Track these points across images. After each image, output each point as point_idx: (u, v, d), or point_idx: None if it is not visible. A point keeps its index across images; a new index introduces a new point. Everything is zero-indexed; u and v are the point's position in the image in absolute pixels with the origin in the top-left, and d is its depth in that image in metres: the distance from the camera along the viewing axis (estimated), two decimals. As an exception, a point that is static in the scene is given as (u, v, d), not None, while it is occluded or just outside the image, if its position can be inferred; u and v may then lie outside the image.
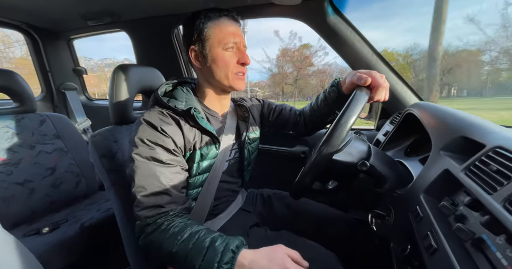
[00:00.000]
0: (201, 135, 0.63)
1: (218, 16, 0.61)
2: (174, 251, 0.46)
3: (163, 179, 0.53)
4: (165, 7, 1.02)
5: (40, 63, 1.50)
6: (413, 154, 0.67)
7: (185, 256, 0.45)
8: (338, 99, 0.68)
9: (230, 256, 0.44)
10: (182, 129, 0.60)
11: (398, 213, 0.45)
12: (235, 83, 0.64)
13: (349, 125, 0.46)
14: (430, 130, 0.47)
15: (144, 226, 0.51)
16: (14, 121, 1.07)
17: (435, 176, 0.39)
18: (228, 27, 0.61)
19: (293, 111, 0.84)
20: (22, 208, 0.98)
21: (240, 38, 0.63)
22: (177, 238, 0.47)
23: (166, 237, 0.48)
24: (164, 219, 0.51)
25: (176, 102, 0.61)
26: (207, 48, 0.62)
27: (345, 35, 0.83)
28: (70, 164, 1.18)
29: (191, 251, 0.45)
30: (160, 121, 0.57)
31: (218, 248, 0.45)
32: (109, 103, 0.80)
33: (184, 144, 0.60)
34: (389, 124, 0.83)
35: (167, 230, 0.49)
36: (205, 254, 0.44)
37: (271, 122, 0.85)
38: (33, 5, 1.08)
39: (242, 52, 0.63)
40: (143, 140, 0.55)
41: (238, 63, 0.63)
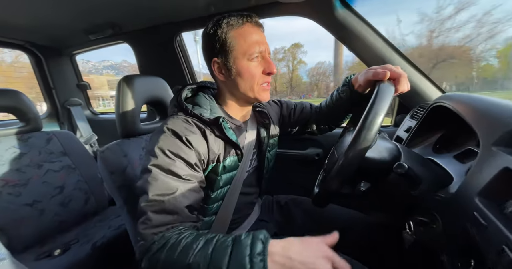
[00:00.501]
0: (225, 146, 0.59)
1: (241, 24, 0.56)
2: (190, 262, 0.39)
3: (178, 196, 0.48)
4: (166, 15, 1.00)
5: (44, 80, 1.50)
6: (443, 150, 0.62)
7: (206, 264, 0.38)
8: (352, 98, 0.65)
9: (260, 246, 0.38)
10: (207, 139, 0.55)
11: (447, 220, 0.40)
12: (260, 95, 0.60)
13: (380, 119, 0.42)
14: (474, 123, 0.42)
15: (150, 245, 0.44)
16: (20, 141, 1.06)
17: (492, 175, 0.34)
18: (252, 35, 0.56)
19: (314, 108, 0.80)
20: (32, 230, 0.95)
21: (265, 46, 0.58)
22: (192, 248, 0.40)
23: (178, 251, 0.41)
24: (173, 234, 0.45)
25: (201, 109, 0.57)
26: (231, 60, 0.57)
27: (355, 29, 0.79)
28: (78, 181, 1.15)
29: (212, 255, 0.39)
30: (185, 130, 0.53)
31: (245, 242, 0.39)
32: (116, 116, 0.78)
33: (208, 156, 0.56)
34: (410, 119, 0.78)
35: (177, 242, 0.42)
36: (231, 252, 0.38)
37: (293, 123, 0.80)
38: (35, 24, 1.08)
39: (267, 61, 0.58)
40: (164, 150, 0.50)
41: (264, 73, 0.58)
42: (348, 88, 0.65)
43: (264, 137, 0.70)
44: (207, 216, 0.61)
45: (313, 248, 0.39)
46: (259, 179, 0.75)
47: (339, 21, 0.79)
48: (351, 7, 0.79)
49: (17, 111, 1.05)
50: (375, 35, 0.79)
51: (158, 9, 0.96)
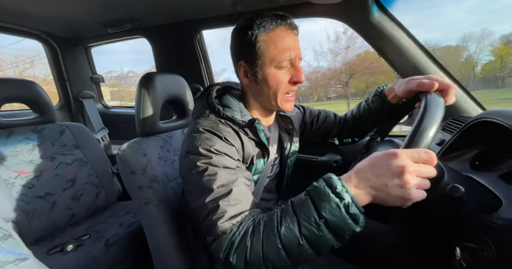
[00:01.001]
0: (255, 148, 0.58)
1: (274, 26, 0.52)
2: (279, 231, 0.38)
3: (241, 184, 0.47)
4: (188, 12, 0.98)
5: (58, 72, 1.49)
6: (483, 168, 0.59)
7: (295, 224, 0.37)
8: (383, 109, 0.63)
9: (338, 182, 0.37)
10: (242, 140, 0.54)
11: (503, 248, 0.37)
12: (283, 104, 0.57)
13: (432, 135, 0.39)
14: None
15: (231, 237, 0.41)
16: (34, 132, 1.05)
17: None
18: (284, 40, 0.52)
19: (338, 118, 0.78)
20: (44, 223, 0.94)
21: (297, 51, 0.54)
22: (273, 220, 0.40)
23: (262, 230, 0.40)
24: (249, 221, 0.43)
25: (232, 112, 0.56)
26: (258, 66, 0.54)
27: (390, 34, 0.75)
28: (89, 175, 1.15)
29: (296, 213, 0.38)
30: (222, 130, 0.52)
31: (319, 185, 0.38)
32: (135, 114, 0.76)
33: (243, 156, 0.54)
34: (441, 132, 0.75)
35: (257, 224, 0.41)
36: (313, 201, 0.37)
37: (315, 131, 0.78)
38: (52, 14, 1.06)
39: (296, 69, 0.54)
40: (210, 149, 0.48)
41: (290, 82, 0.55)
42: (380, 98, 0.63)
43: (286, 143, 0.68)
44: None
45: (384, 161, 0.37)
46: (279, 186, 0.73)
47: (374, 26, 0.75)
48: (388, 11, 0.75)
49: (31, 101, 1.04)
50: (411, 41, 0.76)
51: (181, 5, 0.93)
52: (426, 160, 0.36)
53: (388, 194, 0.36)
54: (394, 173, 0.35)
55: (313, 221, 0.36)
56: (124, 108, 1.72)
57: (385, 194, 0.36)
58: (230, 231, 0.42)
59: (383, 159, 0.37)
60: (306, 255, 0.38)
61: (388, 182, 0.35)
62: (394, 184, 0.35)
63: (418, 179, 0.35)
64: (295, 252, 0.38)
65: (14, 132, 1.00)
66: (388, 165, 0.36)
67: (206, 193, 0.45)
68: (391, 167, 0.35)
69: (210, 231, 0.43)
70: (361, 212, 0.36)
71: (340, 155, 1.05)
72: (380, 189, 0.36)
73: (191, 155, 0.49)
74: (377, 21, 0.75)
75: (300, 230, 0.37)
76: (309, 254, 0.38)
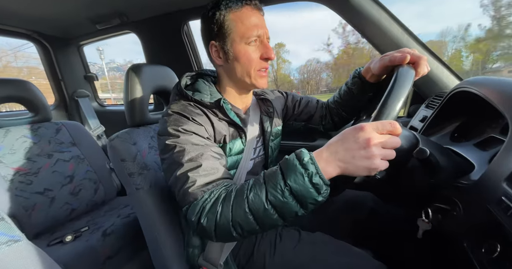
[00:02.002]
0: (229, 128, 0.59)
1: (239, 6, 0.55)
2: (248, 196, 0.41)
3: (209, 157, 0.50)
4: (173, 2, 0.98)
5: (52, 71, 1.51)
6: (462, 139, 0.60)
7: (263, 191, 0.40)
8: (364, 89, 0.64)
9: (306, 155, 0.39)
10: (211, 121, 0.56)
11: (469, 206, 0.39)
12: (257, 81, 0.59)
13: (400, 102, 0.40)
14: (503, 107, 0.40)
15: (203, 203, 0.45)
16: (31, 130, 1.07)
17: None
18: (251, 18, 0.55)
19: (320, 104, 0.79)
20: (44, 218, 0.97)
21: (264, 30, 0.57)
22: (243, 190, 0.42)
23: (233, 197, 0.43)
24: (221, 189, 0.46)
25: (201, 95, 0.58)
26: (228, 44, 0.56)
27: (370, 14, 0.76)
28: (87, 171, 1.17)
29: (266, 182, 0.41)
30: (190, 111, 0.55)
31: (289, 157, 0.41)
32: (124, 105, 0.77)
33: (214, 135, 0.57)
34: (425, 109, 0.75)
35: (229, 193, 0.44)
36: (281, 171, 0.40)
37: (296, 115, 0.79)
38: (41, 13, 1.08)
39: (265, 46, 0.57)
40: (178, 129, 0.51)
41: (262, 59, 0.57)
42: (359, 79, 0.64)
43: (267, 125, 0.70)
44: None
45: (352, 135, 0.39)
46: (265, 169, 0.74)
47: (353, 6, 0.76)
48: (367, -9, 0.75)
49: (26, 101, 1.06)
50: (392, 20, 0.76)
51: (165, -3, 0.94)
52: (390, 130, 0.38)
53: (355, 165, 0.38)
54: (361, 145, 0.37)
55: (279, 188, 0.39)
56: (119, 105, 1.74)
57: (352, 165, 0.38)
58: (202, 197, 0.45)
59: (351, 133, 0.39)
60: (271, 219, 0.41)
61: (355, 154, 0.38)
62: (360, 155, 0.37)
63: (383, 150, 0.37)
64: (261, 216, 0.41)
65: (11, 131, 1.02)
66: (355, 138, 0.38)
67: (177, 168, 0.48)
68: (358, 140, 0.37)
69: (184, 200, 0.47)
70: (325, 183, 0.39)
71: (330, 140, 1.06)
72: (348, 161, 0.38)
73: (161, 136, 0.53)
74: (357, 2, 0.75)
75: (266, 196, 0.40)
76: (274, 218, 0.40)
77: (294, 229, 0.66)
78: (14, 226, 0.32)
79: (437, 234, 0.45)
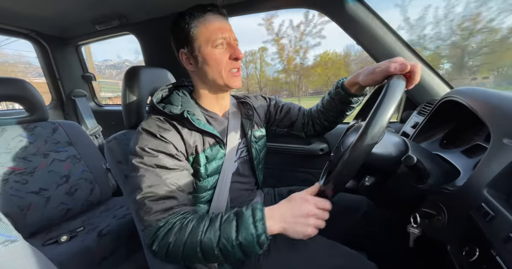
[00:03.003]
0: (203, 137, 0.61)
1: (202, 13, 0.59)
2: (201, 239, 0.45)
3: (170, 183, 0.52)
4: (174, 6, 0.99)
5: (49, 71, 1.50)
6: (450, 145, 0.62)
7: (216, 239, 0.45)
8: (346, 101, 0.66)
9: (260, 213, 0.46)
10: (181, 133, 0.58)
11: (453, 211, 0.41)
12: (229, 81, 0.62)
13: (390, 113, 0.42)
14: (485, 117, 0.42)
15: (157, 231, 0.48)
16: (27, 130, 1.07)
17: (501, 168, 0.34)
18: (213, 23, 0.59)
19: (302, 111, 0.81)
20: (39, 217, 0.97)
21: (229, 33, 0.60)
22: (199, 228, 0.46)
23: (187, 233, 0.46)
24: (176, 218, 0.49)
25: (171, 107, 0.60)
26: (196, 49, 0.60)
27: (365, 22, 0.78)
28: (83, 171, 1.17)
29: (221, 230, 0.45)
30: (158, 127, 0.56)
31: (246, 213, 0.46)
32: (122, 107, 0.78)
33: (185, 149, 0.58)
34: (417, 115, 0.78)
35: (184, 226, 0.47)
36: (237, 224, 0.45)
37: (278, 121, 0.81)
38: (40, 12, 1.08)
39: (233, 47, 0.60)
40: (144, 148, 0.53)
41: (231, 59, 0.60)
42: (341, 90, 0.65)
43: (248, 128, 0.72)
44: (201, 204, 0.63)
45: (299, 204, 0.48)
46: (252, 169, 0.76)
47: (349, 15, 0.78)
48: (362, 0, 0.78)
49: (23, 100, 1.05)
50: (385, 29, 0.78)
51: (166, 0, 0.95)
52: (326, 208, 0.49)
53: (295, 229, 0.47)
54: (303, 214, 0.47)
55: (230, 240, 0.45)
56: (117, 105, 1.74)
57: (292, 228, 0.47)
58: (156, 225, 0.49)
59: (299, 202, 0.49)
60: (217, 259, 0.47)
61: (297, 220, 0.47)
62: (301, 222, 0.47)
63: (318, 221, 0.48)
64: (209, 256, 0.46)
65: (7, 130, 1.02)
66: (301, 208, 0.47)
67: (136, 191, 0.51)
68: (303, 210, 0.47)
69: (141, 223, 0.51)
70: (267, 240, 0.45)
71: (325, 143, 1.08)
72: (290, 224, 0.47)
73: (130, 155, 0.55)
74: (352, 10, 0.77)
75: (218, 243, 0.45)
76: (220, 259, 0.47)
77: None
78: (11, 227, 0.33)
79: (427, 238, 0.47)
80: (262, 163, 0.79)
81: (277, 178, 1.20)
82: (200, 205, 0.63)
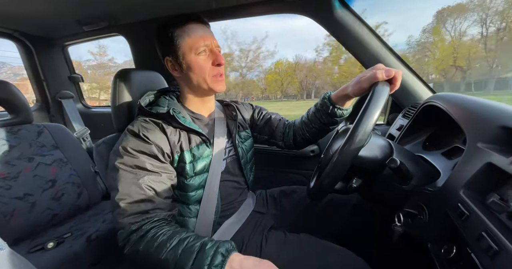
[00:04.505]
0: (188, 135, 0.63)
1: (184, 22, 0.63)
2: (162, 258, 0.46)
3: (146, 187, 0.53)
4: (165, 8, 0.99)
5: (34, 72, 1.45)
6: (432, 147, 0.65)
7: (174, 263, 0.45)
8: (331, 112, 0.67)
9: (220, 259, 0.44)
10: (165, 132, 0.60)
11: (433, 211, 0.43)
12: (213, 85, 0.65)
13: (375, 119, 0.44)
14: (461, 122, 0.45)
15: (129, 234, 0.49)
16: (10, 133, 1.03)
17: (476, 170, 0.36)
18: (196, 31, 0.63)
19: (282, 121, 0.83)
20: (23, 223, 0.93)
21: (211, 40, 0.64)
22: (166, 246, 0.46)
23: (155, 246, 0.47)
24: (151, 226, 0.50)
25: (158, 108, 0.63)
26: (180, 57, 0.63)
27: (353, 29, 0.81)
28: (70, 175, 1.14)
29: (180, 256, 0.45)
30: (142, 128, 0.59)
31: (208, 252, 0.45)
32: (111, 110, 0.77)
33: (170, 148, 0.60)
34: (402, 118, 0.81)
35: (155, 238, 0.48)
36: (195, 258, 0.44)
37: (259, 127, 0.84)
38: (25, 12, 1.04)
39: (215, 54, 0.64)
40: (126, 149, 0.55)
41: (214, 65, 0.64)
42: (328, 101, 0.67)
43: (232, 127, 0.74)
44: (191, 204, 0.64)
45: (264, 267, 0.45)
46: (240, 168, 0.77)
47: (338, 21, 0.80)
48: (350, 7, 0.80)
49: (5, 102, 1.02)
50: (372, 35, 0.81)
51: (156, 2, 0.94)
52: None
53: None
54: None
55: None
56: (105, 107, 1.70)
57: None
58: (128, 229, 0.50)
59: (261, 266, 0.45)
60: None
61: None
62: None
63: None
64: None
65: None
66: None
67: (113, 190, 0.52)
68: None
69: (116, 225, 0.52)
70: None
71: (316, 145, 1.10)
72: None
73: (113, 154, 0.57)
74: (340, 17, 0.80)
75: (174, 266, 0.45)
76: None
77: (280, 231, 0.69)
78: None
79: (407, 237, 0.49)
80: (250, 163, 0.81)
81: (270, 180, 1.21)
82: (191, 206, 0.64)
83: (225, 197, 0.69)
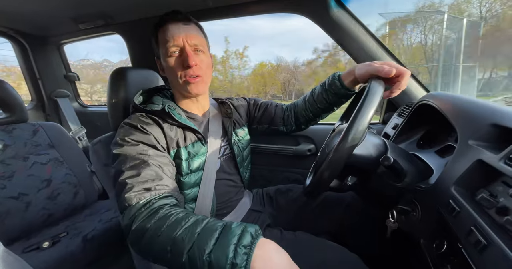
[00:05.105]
0: (184, 132, 0.63)
1: (163, 23, 0.62)
2: (176, 236, 0.39)
3: (152, 164, 0.52)
4: (162, 6, 0.99)
5: (29, 70, 1.44)
6: (426, 146, 0.66)
7: (190, 241, 0.38)
8: (341, 93, 0.66)
9: (249, 239, 0.37)
10: (162, 127, 0.60)
11: (425, 207, 0.44)
12: (186, 88, 0.63)
13: (369, 117, 0.44)
14: (453, 120, 0.45)
15: (137, 210, 0.44)
16: (4, 132, 1.02)
17: (466, 167, 0.37)
18: (168, 31, 0.61)
19: (279, 107, 0.83)
20: (18, 223, 0.93)
21: (185, 39, 0.60)
22: (181, 224, 0.40)
23: (168, 224, 0.41)
24: (161, 203, 0.46)
25: (152, 106, 0.63)
26: (161, 58, 0.64)
27: (349, 28, 0.81)
28: (66, 174, 1.13)
29: (199, 236, 0.38)
30: (140, 121, 0.59)
31: (234, 231, 0.38)
32: (108, 108, 0.77)
33: (166, 142, 0.60)
34: (397, 117, 0.82)
35: (168, 216, 0.42)
36: (219, 236, 0.37)
37: (258, 118, 0.84)
38: (20, 10, 1.03)
39: (184, 55, 0.59)
40: (125, 139, 0.54)
41: (184, 66, 0.60)
42: (338, 81, 0.65)
43: (228, 125, 0.74)
44: (187, 202, 0.64)
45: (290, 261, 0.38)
46: (236, 167, 0.78)
47: (334, 20, 0.81)
48: (346, 7, 0.81)
49: (0, 101, 1.01)
50: (368, 35, 0.82)
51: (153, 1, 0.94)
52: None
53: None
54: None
55: (201, 253, 0.36)
56: (102, 106, 1.69)
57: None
58: (136, 204, 0.46)
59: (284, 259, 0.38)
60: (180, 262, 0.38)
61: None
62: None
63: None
64: (175, 257, 0.38)
65: None
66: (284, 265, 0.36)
67: (119, 175, 0.51)
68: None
69: (122, 205, 0.47)
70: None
71: (313, 144, 1.11)
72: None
73: (112, 147, 0.56)
74: (336, 16, 0.81)
75: (188, 250, 0.38)
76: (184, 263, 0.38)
77: (277, 229, 0.70)
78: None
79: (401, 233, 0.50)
80: (246, 161, 0.81)
81: (267, 178, 1.22)
82: (186, 204, 0.64)
83: (221, 196, 0.69)
